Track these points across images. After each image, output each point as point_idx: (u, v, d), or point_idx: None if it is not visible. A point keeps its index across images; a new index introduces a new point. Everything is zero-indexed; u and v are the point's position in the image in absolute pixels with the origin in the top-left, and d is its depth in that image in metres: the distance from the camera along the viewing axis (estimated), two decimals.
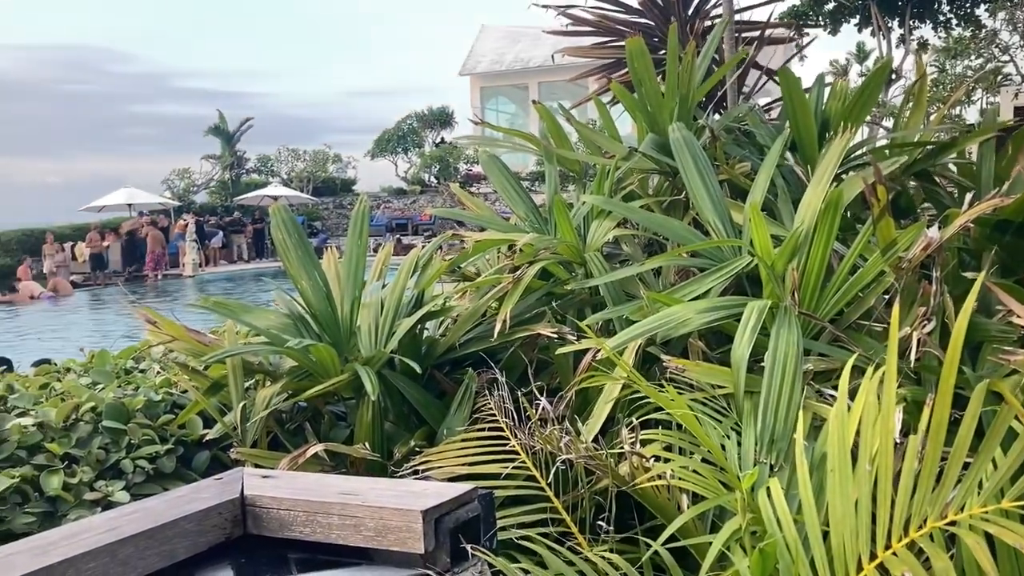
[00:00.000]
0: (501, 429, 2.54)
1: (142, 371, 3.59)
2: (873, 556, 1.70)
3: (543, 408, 2.42)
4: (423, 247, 3.61)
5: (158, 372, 3.50)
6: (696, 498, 2.19)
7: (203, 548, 1.78)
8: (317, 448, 2.66)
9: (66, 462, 2.79)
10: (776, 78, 3.66)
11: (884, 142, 3.93)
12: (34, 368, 4.27)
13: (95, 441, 2.87)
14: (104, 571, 1.60)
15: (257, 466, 2.60)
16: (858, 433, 1.84)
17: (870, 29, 21.17)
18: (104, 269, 25.76)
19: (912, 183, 3.54)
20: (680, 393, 2.43)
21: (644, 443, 2.31)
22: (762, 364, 2.46)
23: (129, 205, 28.98)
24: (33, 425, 2.85)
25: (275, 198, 30.53)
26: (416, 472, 2.43)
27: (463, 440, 2.60)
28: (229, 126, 37.28)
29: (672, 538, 2.07)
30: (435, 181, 35.62)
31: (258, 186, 34.72)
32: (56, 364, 3.99)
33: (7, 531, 2.52)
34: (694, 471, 2.13)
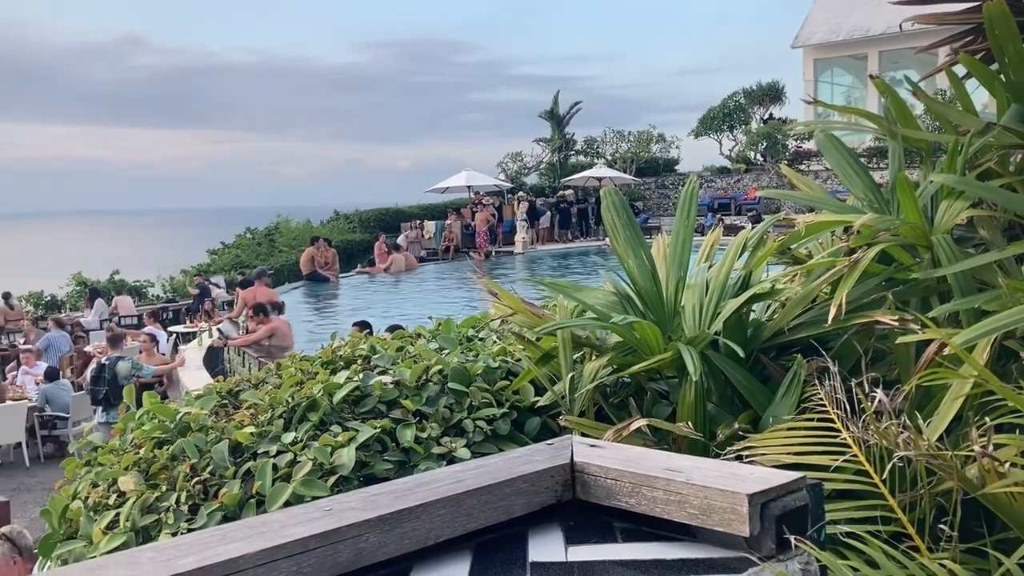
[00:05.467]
0: (830, 419, 2.43)
1: (481, 339, 3.89)
2: None
3: (879, 401, 2.28)
4: (752, 228, 3.54)
5: (495, 341, 3.78)
6: None
7: (536, 508, 1.89)
8: (641, 423, 2.72)
9: (417, 418, 3.11)
10: None
11: None
12: (389, 332, 4.80)
13: (442, 400, 3.17)
14: (452, 518, 1.76)
15: (583, 435, 2.72)
16: None
17: None
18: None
19: None
20: None
21: (997, 447, 2.10)
22: None
23: (468, 187, 30.94)
24: (391, 383, 3.21)
25: (599, 179, 31.23)
26: (739, 456, 2.40)
27: (789, 428, 2.53)
28: (560, 109, 38.69)
29: None
30: (761, 159, 34.41)
31: (584, 167, 35.68)
32: (407, 329, 4.45)
33: (370, 474, 2.86)
34: None
